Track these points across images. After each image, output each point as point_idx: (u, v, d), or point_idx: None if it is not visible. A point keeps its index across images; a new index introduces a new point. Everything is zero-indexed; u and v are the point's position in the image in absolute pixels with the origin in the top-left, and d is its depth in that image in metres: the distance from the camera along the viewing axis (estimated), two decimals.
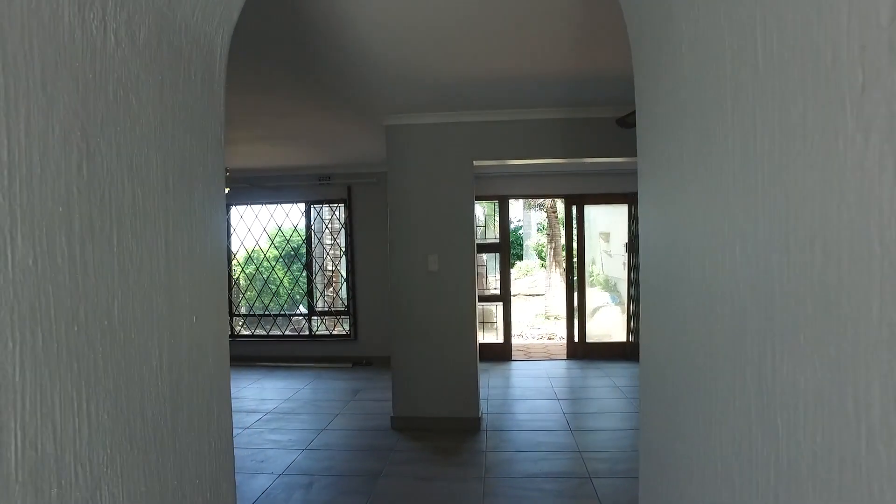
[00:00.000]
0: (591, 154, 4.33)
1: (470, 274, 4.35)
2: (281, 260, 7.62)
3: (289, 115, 4.22)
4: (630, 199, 6.83)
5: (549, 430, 4.29)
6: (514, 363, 6.89)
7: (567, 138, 4.28)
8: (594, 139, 4.27)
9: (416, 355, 4.39)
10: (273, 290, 7.49)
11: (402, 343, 4.41)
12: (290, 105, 3.98)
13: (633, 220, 6.86)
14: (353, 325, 7.04)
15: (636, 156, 1.17)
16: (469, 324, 4.35)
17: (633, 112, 1.29)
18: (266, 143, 5.26)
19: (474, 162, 4.35)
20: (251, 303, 7.64)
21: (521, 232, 18.61)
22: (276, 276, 7.51)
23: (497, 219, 7.11)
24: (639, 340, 5.43)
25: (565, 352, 7.23)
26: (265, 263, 7.64)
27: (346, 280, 7.12)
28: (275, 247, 7.55)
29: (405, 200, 4.39)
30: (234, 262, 7.50)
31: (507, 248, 7.11)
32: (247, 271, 7.65)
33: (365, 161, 6.49)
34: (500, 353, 7.03)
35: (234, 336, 7.38)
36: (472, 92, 3.72)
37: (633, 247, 6.87)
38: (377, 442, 4.13)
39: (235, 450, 3.37)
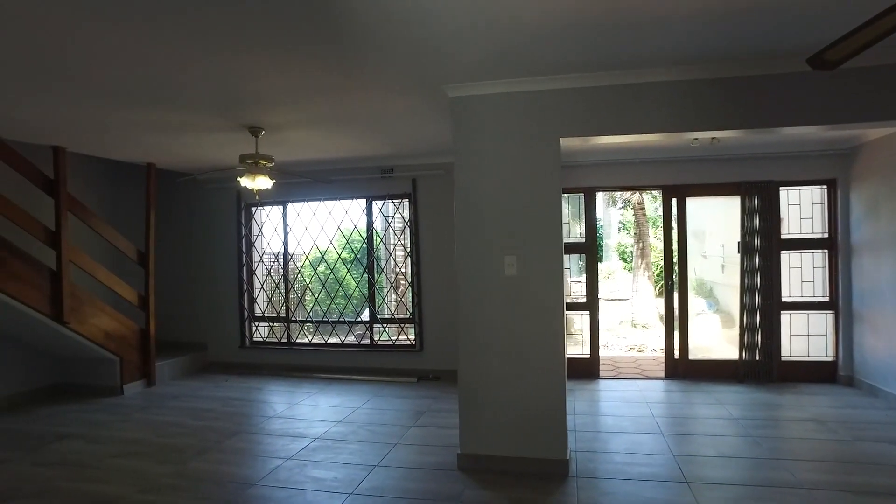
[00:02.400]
0: (758, 123, 3.30)
1: (556, 279, 3.48)
2: (341, 261, 7.00)
3: (335, 89, 3.51)
4: (745, 188, 5.70)
5: (659, 481, 3.35)
6: (602, 381, 5.93)
7: (713, 103, 3.32)
8: (766, 101, 3.23)
9: (488, 379, 3.57)
10: (332, 295, 6.89)
11: (471, 362, 3.60)
12: (336, 77, 3.27)
13: (748, 213, 5.72)
14: (419, 334, 6.31)
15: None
16: (555, 340, 3.48)
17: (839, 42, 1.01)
18: (316, 128, 4.60)
19: (561, 140, 3.48)
20: (309, 308, 7.08)
21: (600, 231, 17.36)
22: (335, 279, 6.90)
23: (582, 214, 6.17)
24: (757, 360, 4.38)
25: (662, 369, 6.19)
26: (323, 265, 7.06)
27: (411, 284, 6.40)
28: (334, 247, 6.94)
29: (475, 190, 3.58)
30: (290, 264, 6.96)
31: (595, 249, 6.16)
32: (305, 274, 7.10)
33: (430, 150, 5.73)
34: (586, 370, 6.09)
35: (290, 343, 6.84)
36: (564, 44, 2.86)
37: (747, 246, 5.73)
38: (440, 487, 3.34)
39: (268, 489, 2.66)
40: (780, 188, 5.73)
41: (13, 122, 4.31)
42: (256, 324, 7.01)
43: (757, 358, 5.69)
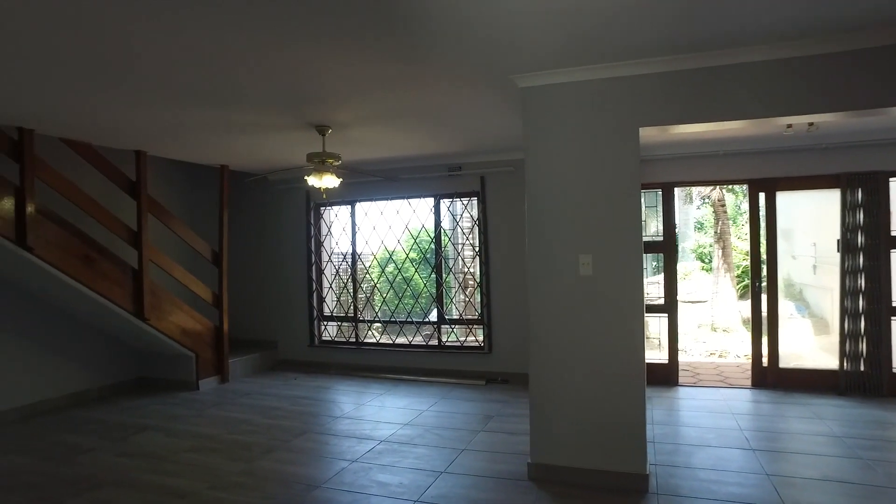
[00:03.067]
0: (867, 103, 2.90)
1: (635, 278, 3.24)
2: (409, 261, 6.95)
3: (401, 82, 3.42)
4: (846, 180, 5.18)
5: None
6: (681, 389, 5.56)
7: (812, 84, 2.99)
8: (875, 78, 2.85)
9: (561, 384, 3.37)
10: (400, 295, 6.85)
11: (543, 367, 3.41)
12: (402, 69, 3.17)
13: (850, 208, 5.20)
14: (488, 335, 6.15)
15: None
16: (634, 344, 3.24)
17: None
18: (382, 125, 4.54)
19: (640, 131, 3.23)
20: (377, 307, 7.07)
21: (677, 230, 16.56)
22: (403, 278, 6.85)
23: (659, 211, 5.83)
24: (862, 370, 3.91)
25: (748, 377, 5.75)
26: (391, 265, 7.03)
27: (480, 284, 6.26)
28: (402, 246, 6.89)
29: (547, 186, 3.39)
30: (357, 263, 6.97)
31: (674, 247, 5.80)
32: (373, 273, 7.10)
33: (499, 146, 5.57)
34: (664, 376, 5.73)
35: (358, 343, 6.85)
36: (642, 24, 2.63)
37: (849, 245, 5.21)
38: (509, 499, 3.17)
39: (332, 491, 2.56)
40: (890, 179, 5.15)
41: (101, 129, 4.50)
42: (325, 323, 7.07)
43: (861, 369, 5.15)
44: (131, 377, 5.97)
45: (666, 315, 5.75)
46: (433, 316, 6.64)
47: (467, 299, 6.57)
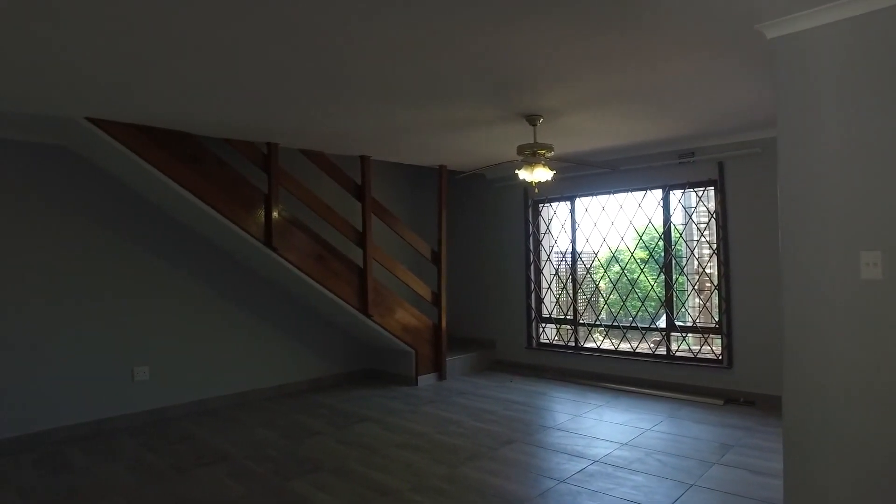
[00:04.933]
0: None
1: None
2: (634, 260, 6.28)
3: (616, 56, 2.95)
4: None
5: None
6: None
7: None
8: None
9: (829, 415, 2.55)
10: (624, 297, 6.24)
11: (802, 391, 2.63)
12: (615, 40, 2.72)
13: None
14: (727, 347, 5.22)
15: None
16: None
17: None
18: (598, 110, 4.08)
19: None
20: (598, 310, 6.55)
21: None
22: (627, 279, 6.22)
23: None
24: None
25: None
26: (615, 265, 6.44)
27: (718, 287, 5.35)
28: (626, 244, 6.26)
29: (810, 164, 2.60)
30: (577, 263, 6.54)
31: None
32: (594, 274, 6.59)
33: (741, 124, 4.67)
34: None
35: (577, 348, 6.41)
36: None
37: None
38: None
39: None
40: None
41: (331, 138, 4.87)
42: (543, 325, 6.79)
43: None
44: (360, 368, 6.42)
45: None
46: (662, 322, 5.89)
47: (702, 304, 5.68)
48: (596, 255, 6.46)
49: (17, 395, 4.23)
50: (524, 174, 4.41)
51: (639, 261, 6.20)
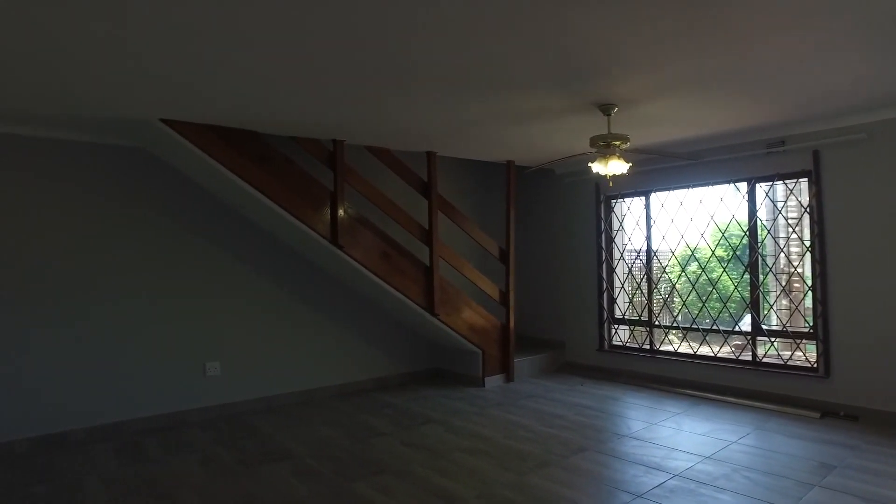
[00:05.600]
0: None
1: None
2: (715, 258, 5.86)
3: (697, 34, 2.68)
4: None
5: None
6: None
7: None
8: None
9: None
10: (703, 298, 5.84)
11: None
12: (697, 17, 2.46)
13: None
14: (824, 354, 4.76)
15: None
16: None
17: None
18: (677, 96, 3.79)
19: None
20: (676, 312, 6.17)
21: None
22: (707, 279, 5.82)
23: None
24: None
25: None
26: (693, 263, 6.05)
27: (812, 288, 4.89)
28: (706, 241, 5.85)
29: None
30: (653, 262, 6.18)
31: None
32: (671, 273, 6.21)
33: (841, 107, 4.22)
34: None
35: (653, 351, 6.07)
36: None
37: None
38: None
39: None
40: None
41: (396, 134, 4.79)
42: (616, 326, 6.48)
43: None
44: (427, 368, 6.34)
45: None
46: (746, 324, 5.47)
47: (793, 306, 5.22)
48: (672, 252, 6.08)
49: (100, 386, 4.43)
50: (597, 167, 4.18)
51: (720, 259, 5.78)
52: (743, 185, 5.37)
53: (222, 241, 5.00)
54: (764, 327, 5.28)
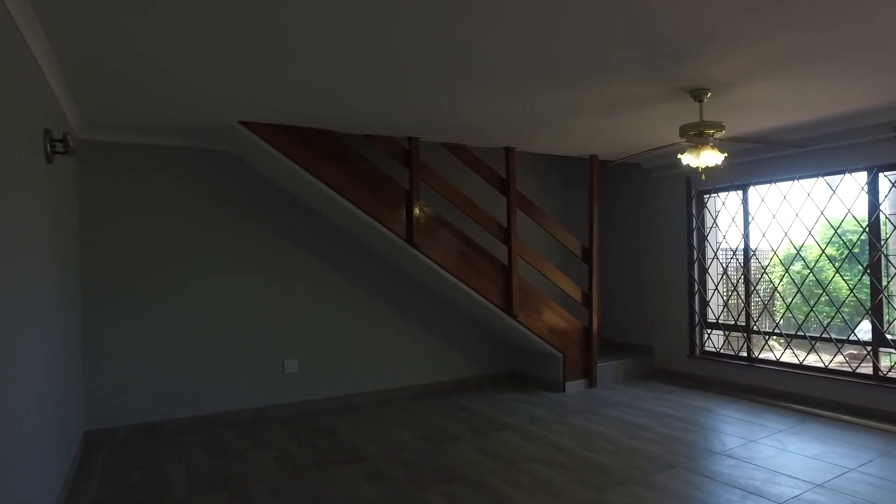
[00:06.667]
0: None
1: None
2: (825, 258, 5.26)
3: (797, 4, 2.35)
4: None
5: None
6: None
7: None
8: None
9: None
10: (811, 302, 5.27)
11: None
12: None
13: None
14: None
15: None
16: None
17: None
18: (779, 77, 3.38)
19: None
20: (778, 316, 5.62)
21: None
22: (815, 280, 5.24)
23: None
24: None
25: None
26: (798, 263, 5.47)
27: None
28: (814, 239, 5.26)
29: None
30: (751, 261, 5.66)
31: None
32: (772, 273, 5.66)
33: None
34: None
35: (750, 359, 5.55)
36: None
37: None
38: None
39: None
40: None
41: (472, 130, 4.66)
42: (709, 331, 6.00)
43: None
44: (505, 370, 6.16)
45: None
46: (864, 332, 4.86)
47: None
48: (774, 251, 5.52)
49: (189, 380, 4.63)
50: (688, 159, 3.84)
51: (831, 259, 5.18)
52: (862, 175, 4.77)
53: (301, 241, 5.08)
54: (889, 337, 4.67)
